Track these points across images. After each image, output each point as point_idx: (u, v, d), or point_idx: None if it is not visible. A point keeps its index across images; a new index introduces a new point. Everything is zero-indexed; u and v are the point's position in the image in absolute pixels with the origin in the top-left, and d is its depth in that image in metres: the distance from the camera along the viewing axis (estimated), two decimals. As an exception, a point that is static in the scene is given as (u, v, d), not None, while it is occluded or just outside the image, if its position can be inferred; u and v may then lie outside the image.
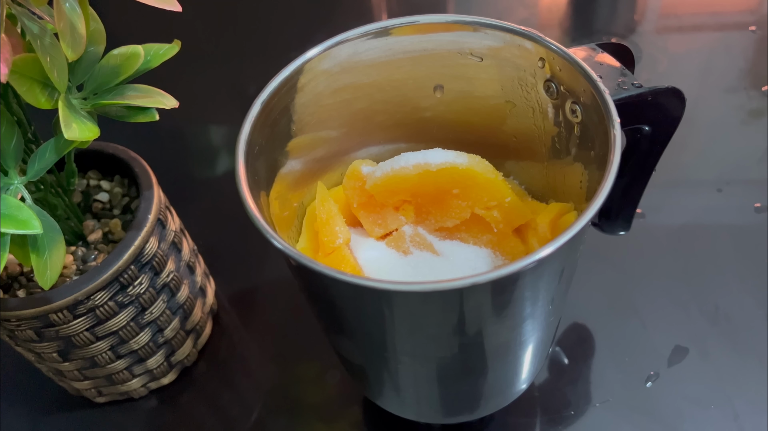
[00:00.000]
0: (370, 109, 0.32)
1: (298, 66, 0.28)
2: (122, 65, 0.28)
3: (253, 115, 0.26)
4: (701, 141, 0.48)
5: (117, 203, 0.37)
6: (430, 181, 0.30)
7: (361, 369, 0.30)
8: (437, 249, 0.30)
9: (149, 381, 0.38)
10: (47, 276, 0.27)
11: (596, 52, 0.28)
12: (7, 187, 0.27)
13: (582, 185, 0.28)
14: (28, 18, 0.25)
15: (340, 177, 0.33)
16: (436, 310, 0.23)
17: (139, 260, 0.33)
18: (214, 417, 0.38)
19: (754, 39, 0.56)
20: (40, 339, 0.32)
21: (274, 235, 0.22)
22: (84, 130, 0.26)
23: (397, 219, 0.31)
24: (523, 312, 0.24)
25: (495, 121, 0.31)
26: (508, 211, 0.30)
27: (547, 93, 0.28)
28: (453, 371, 0.27)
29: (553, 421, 0.36)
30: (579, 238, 0.22)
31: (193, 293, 0.38)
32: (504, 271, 0.20)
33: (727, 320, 0.38)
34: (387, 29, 0.29)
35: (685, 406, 0.35)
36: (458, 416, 0.32)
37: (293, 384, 0.39)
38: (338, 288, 0.23)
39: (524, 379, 0.31)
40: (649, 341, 0.38)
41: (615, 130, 0.23)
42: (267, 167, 0.27)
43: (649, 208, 0.44)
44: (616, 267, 0.42)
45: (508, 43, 0.28)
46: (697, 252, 0.42)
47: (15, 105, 0.29)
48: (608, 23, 0.61)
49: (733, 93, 0.51)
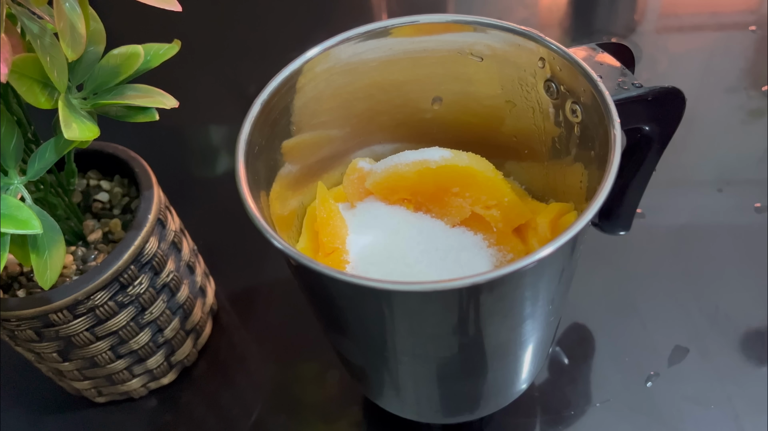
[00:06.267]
0: (370, 109, 0.32)
1: (298, 66, 0.28)
2: (122, 65, 0.28)
3: (253, 115, 0.26)
4: (701, 141, 0.48)
5: (117, 203, 0.37)
6: (430, 178, 0.30)
7: (361, 369, 0.30)
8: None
9: (149, 381, 0.38)
10: (47, 276, 0.27)
11: (596, 52, 0.28)
12: (7, 187, 0.27)
13: (582, 185, 0.28)
14: (28, 18, 0.25)
15: (340, 177, 0.33)
16: (436, 310, 0.23)
17: (139, 260, 0.33)
18: (214, 417, 0.38)
19: (754, 39, 0.56)
20: (40, 339, 0.32)
21: (274, 235, 0.22)
22: (84, 130, 0.26)
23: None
24: (523, 312, 0.24)
25: (495, 121, 0.31)
26: (507, 210, 0.30)
27: (547, 93, 0.28)
28: (453, 371, 0.27)
29: (553, 421, 0.36)
30: (579, 238, 0.22)
31: (193, 293, 0.38)
32: (504, 271, 0.20)
33: (727, 320, 0.38)
34: (387, 29, 0.29)
35: (685, 406, 0.35)
36: (458, 416, 0.32)
37: (293, 384, 0.39)
38: (338, 288, 0.23)
39: (524, 379, 0.31)
40: (649, 341, 0.38)
41: (615, 130, 0.23)
42: (267, 167, 0.27)
43: (649, 208, 0.44)
44: (616, 267, 0.42)
45: (508, 43, 0.28)
46: (697, 252, 0.42)
47: (15, 105, 0.29)
48: (608, 23, 0.61)
49: (733, 93, 0.51)
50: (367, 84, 0.30)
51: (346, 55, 0.29)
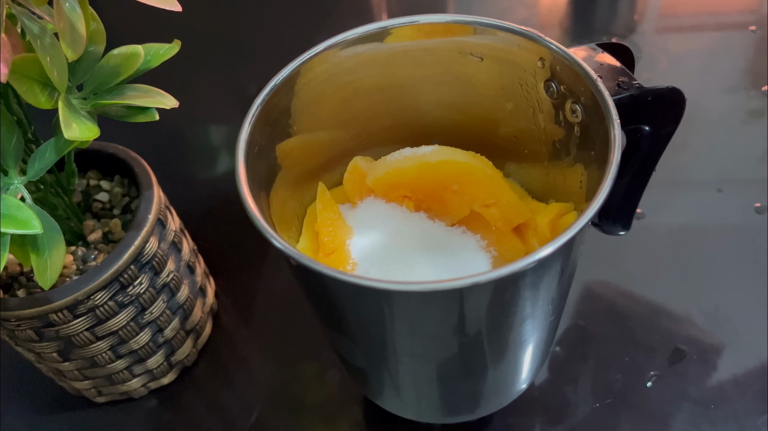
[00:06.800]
0: (370, 109, 0.32)
1: (298, 66, 0.28)
2: (122, 65, 0.28)
3: (253, 115, 0.26)
4: (701, 141, 0.48)
5: (117, 203, 0.37)
6: (429, 175, 0.30)
7: (361, 369, 0.30)
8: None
9: (149, 381, 0.38)
10: (47, 276, 0.27)
11: (596, 52, 0.28)
12: (7, 187, 0.27)
13: (582, 185, 0.28)
14: (28, 18, 0.25)
15: (340, 177, 0.33)
16: (436, 310, 0.23)
17: (139, 260, 0.33)
18: (214, 417, 0.38)
19: (754, 39, 0.56)
20: (40, 339, 0.32)
21: (274, 235, 0.22)
22: (84, 130, 0.26)
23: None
24: (523, 312, 0.24)
25: (495, 121, 0.31)
26: (506, 209, 0.30)
27: (547, 93, 0.28)
28: (453, 371, 0.27)
29: (553, 421, 0.36)
30: (579, 238, 0.22)
31: (193, 293, 0.38)
32: (504, 271, 0.20)
33: (727, 320, 0.38)
34: (387, 29, 0.29)
35: (685, 406, 0.35)
36: (458, 416, 0.32)
37: (293, 384, 0.39)
38: (338, 288, 0.23)
39: (524, 379, 0.31)
40: (649, 341, 0.38)
41: (615, 130, 0.23)
42: (267, 167, 0.27)
43: (649, 208, 0.44)
44: (616, 267, 0.42)
45: (508, 43, 0.28)
46: (697, 252, 0.42)
47: (15, 105, 0.29)
48: (608, 23, 0.61)
49: (733, 93, 0.51)
50: (367, 84, 0.30)
51: (346, 55, 0.29)
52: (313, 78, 0.28)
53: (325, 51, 0.28)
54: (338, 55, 0.29)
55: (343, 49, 0.29)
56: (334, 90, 0.30)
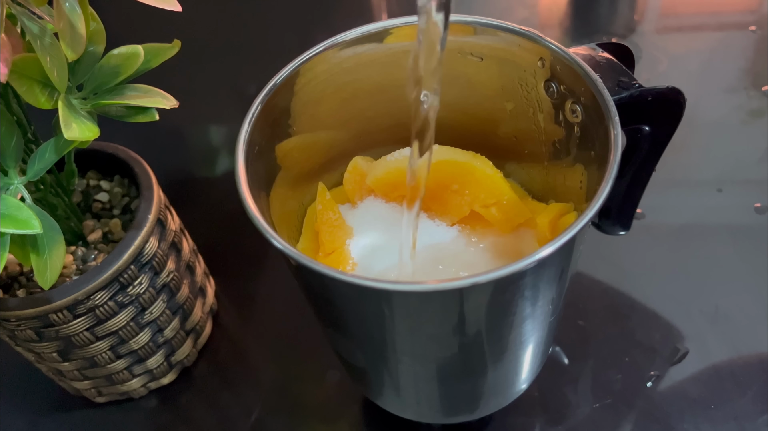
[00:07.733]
0: (371, 109, 0.32)
1: (298, 66, 0.28)
2: (122, 65, 0.28)
3: (253, 115, 0.26)
4: (701, 141, 0.48)
5: (117, 203, 0.37)
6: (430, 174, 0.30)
7: (361, 370, 0.30)
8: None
9: (149, 381, 0.38)
10: (47, 276, 0.27)
11: (596, 52, 0.28)
12: (7, 187, 0.27)
13: (582, 185, 0.28)
14: (28, 18, 0.25)
15: (340, 177, 0.33)
16: (436, 310, 0.23)
17: (139, 260, 0.33)
18: (214, 417, 0.38)
19: (754, 39, 0.56)
20: (40, 339, 0.32)
21: (274, 235, 0.22)
22: (84, 130, 0.26)
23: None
24: (523, 312, 0.24)
25: (495, 121, 0.31)
26: (506, 209, 0.30)
27: (547, 93, 0.28)
28: (453, 371, 0.27)
29: (553, 421, 0.36)
30: (579, 238, 0.22)
31: (193, 293, 0.38)
32: (504, 271, 0.20)
33: (727, 320, 0.38)
34: (387, 29, 0.29)
35: (685, 406, 0.35)
36: (458, 416, 0.32)
37: (293, 384, 0.39)
38: (338, 289, 0.23)
39: (524, 379, 0.31)
40: (649, 341, 0.38)
41: (615, 130, 0.23)
42: (267, 167, 0.27)
43: (649, 208, 0.44)
44: (616, 267, 0.42)
45: (508, 43, 0.28)
46: (697, 252, 0.42)
47: (15, 105, 0.29)
48: (608, 23, 0.61)
49: (733, 93, 0.51)
50: (367, 84, 0.30)
51: (346, 55, 0.29)
52: (313, 78, 0.28)
53: (325, 51, 0.28)
54: (338, 55, 0.29)
55: (343, 49, 0.29)
56: (334, 90, 0.30)
